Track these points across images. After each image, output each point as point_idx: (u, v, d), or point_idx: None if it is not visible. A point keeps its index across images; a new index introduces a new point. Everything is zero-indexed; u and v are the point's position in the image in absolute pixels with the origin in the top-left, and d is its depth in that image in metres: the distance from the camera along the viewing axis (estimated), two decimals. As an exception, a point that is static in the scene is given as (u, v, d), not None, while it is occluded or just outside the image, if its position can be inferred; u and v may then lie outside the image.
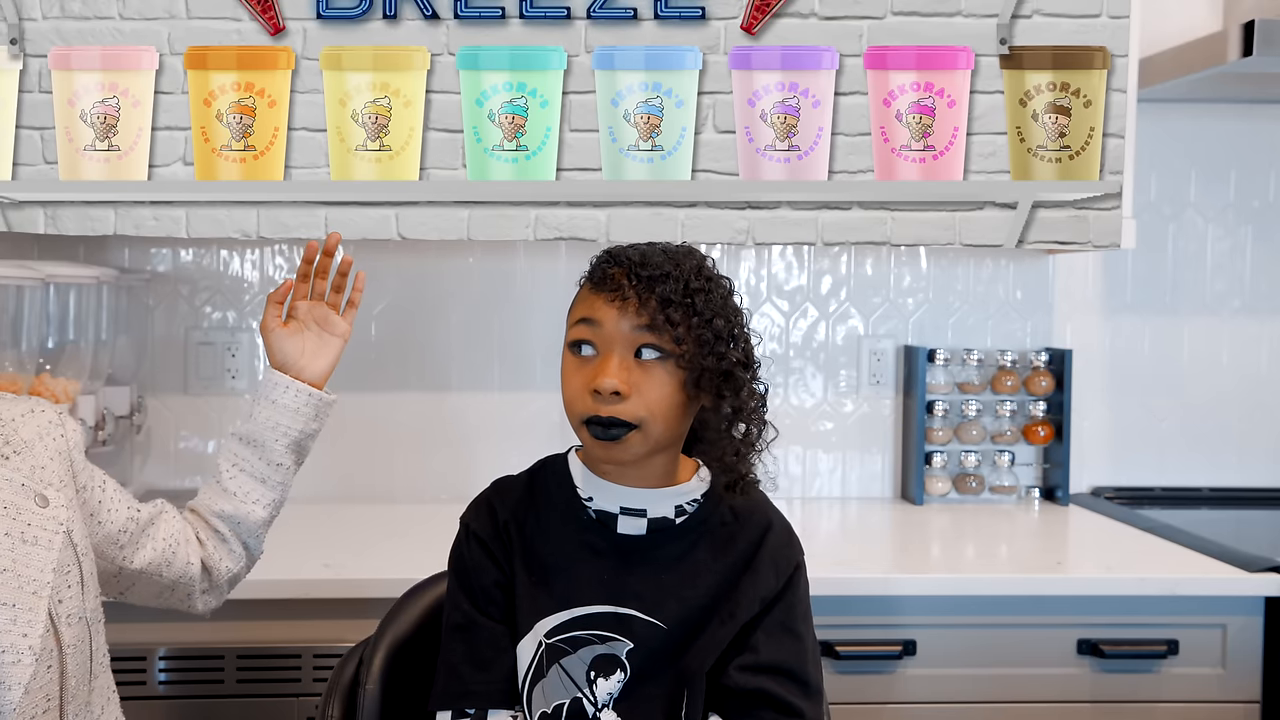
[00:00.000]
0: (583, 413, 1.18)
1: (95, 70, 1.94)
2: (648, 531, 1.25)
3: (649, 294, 1.16)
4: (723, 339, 1.18)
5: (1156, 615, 1.85)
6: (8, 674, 1.10)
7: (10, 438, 1.20)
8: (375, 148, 1.97)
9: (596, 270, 1.21)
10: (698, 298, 1.18)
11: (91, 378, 2.07)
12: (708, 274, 1.21)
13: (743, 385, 1.20)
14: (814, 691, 1.24)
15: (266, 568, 1.86)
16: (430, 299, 2.37)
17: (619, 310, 1.17)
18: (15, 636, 1.11)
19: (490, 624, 1.25)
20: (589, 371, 1.18)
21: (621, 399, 1.16)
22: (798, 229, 2.01)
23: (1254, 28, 1.96)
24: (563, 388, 1.22)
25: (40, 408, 1.25)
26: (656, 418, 1.18)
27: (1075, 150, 2.01)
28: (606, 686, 1.22)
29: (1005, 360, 2.41)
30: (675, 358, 1.17)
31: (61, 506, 1.20)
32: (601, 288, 1.19)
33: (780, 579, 1.25)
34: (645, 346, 1.17)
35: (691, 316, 1.17)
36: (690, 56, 1.97)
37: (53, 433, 1.24)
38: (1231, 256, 2.50)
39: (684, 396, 1.19)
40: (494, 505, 1.29)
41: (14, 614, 1.11)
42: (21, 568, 1.13)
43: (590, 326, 1.19)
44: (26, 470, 1.19)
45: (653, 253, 1.20)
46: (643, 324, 1.17)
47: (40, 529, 1.17)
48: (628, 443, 1.18)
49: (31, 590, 1.13)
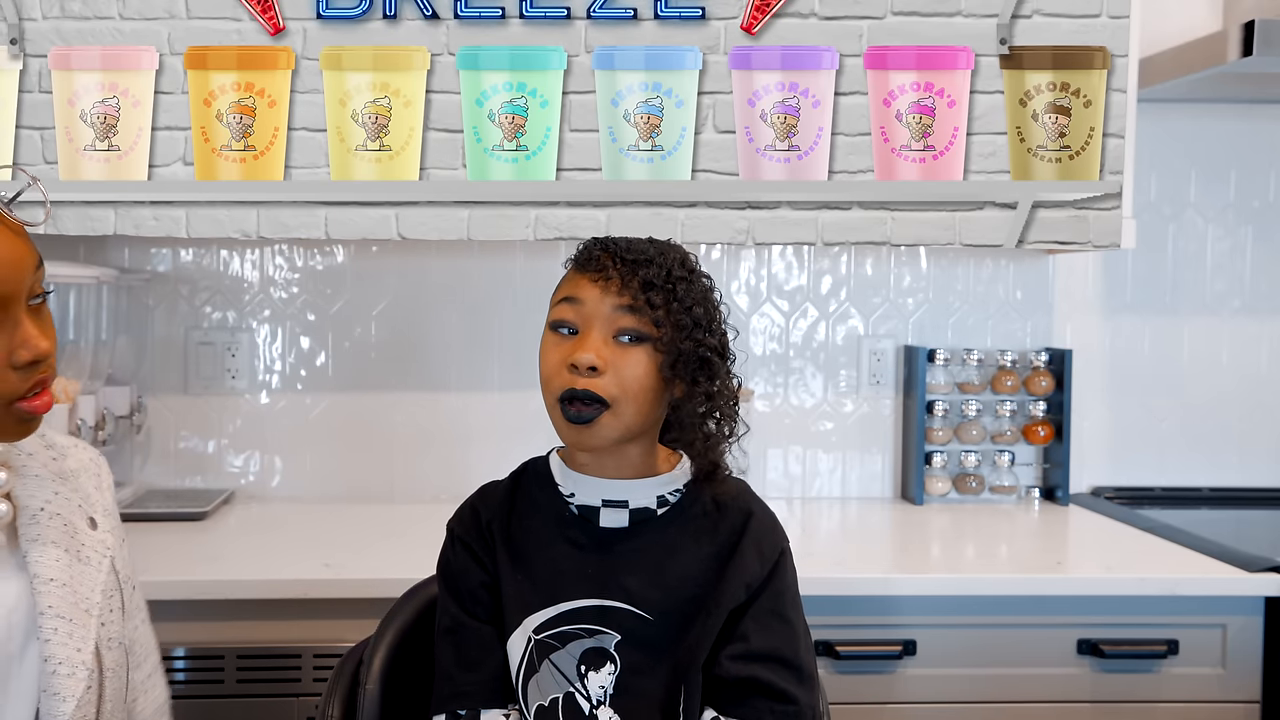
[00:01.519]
0: (558, 388, 1.19)
1: (95, 70, 1.94)
2: (630, 523, 1.25)
3: (632, 276, 1.19)
4: (701, 326, 1.21)
5: (1156, 615, 1.85)
6: (63, 685, 1.11)
7: (62, 464, 1.23)
8: (375, 148, 1.97)
9: (583, 253, 1.24)
10: (679, 285, 1.20)
11: (91, 378, 2.07)
12: (690, 266, 1.24)
13: (718, 373, 1.22)
14: (807, 677, 1.24)
15: (266, 567, 1.87)
16: (430, 299, 2.37)
17: (601, 289, 1.19)
18: (71, 650, 1.12)
19: (477, 625, 1.26)
20: (567, 348, 1.20)
21: (598, 374, 1.18)
22: (798, 229, 2.01)
23: (1254, 28, 1.96)
24: (540, 365, 1.23)
25: (79, 445, 1.29)
26: (629, 397, 1.19)
27: (1075, 150, 2.01)
28: (598, 679, 1.22)
29: (1005, 360, 2.41)
30: (653, 341, 1.19)
31: (108, 532, 1.23)
32: (586, 268, 1.22)
33: (765, 566, 1.25)
34: (624, 330, 1.19)
35: (672, 301, 1.19)
36: (690, 56, 1.97)
37: (92, 469, 1.27)
38: (1231, 256, 2.50)
39: (659, 380, 1.20)
40: (477, 508, 1.31)
41: (71, 628, 1.13)
42: (77, 584, 1.15)
43: (572, 305, 1.21)
44: (80, 494, 1.22)
45: (638, 241, 1.24)
46: (624, 304, 1.19)
47: (92, 550, 1.19)
48: (599, 425, 1.19)
49: (85, 608, 1.15)
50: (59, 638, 1.12)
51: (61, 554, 1.15)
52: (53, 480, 1.20)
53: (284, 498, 2.35)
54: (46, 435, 1.24)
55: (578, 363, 1.17)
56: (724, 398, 1.24)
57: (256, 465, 2.35)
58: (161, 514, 2.11)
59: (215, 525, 2.12)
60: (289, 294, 2.35)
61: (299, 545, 2.01)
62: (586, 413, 1.18)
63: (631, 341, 1.19)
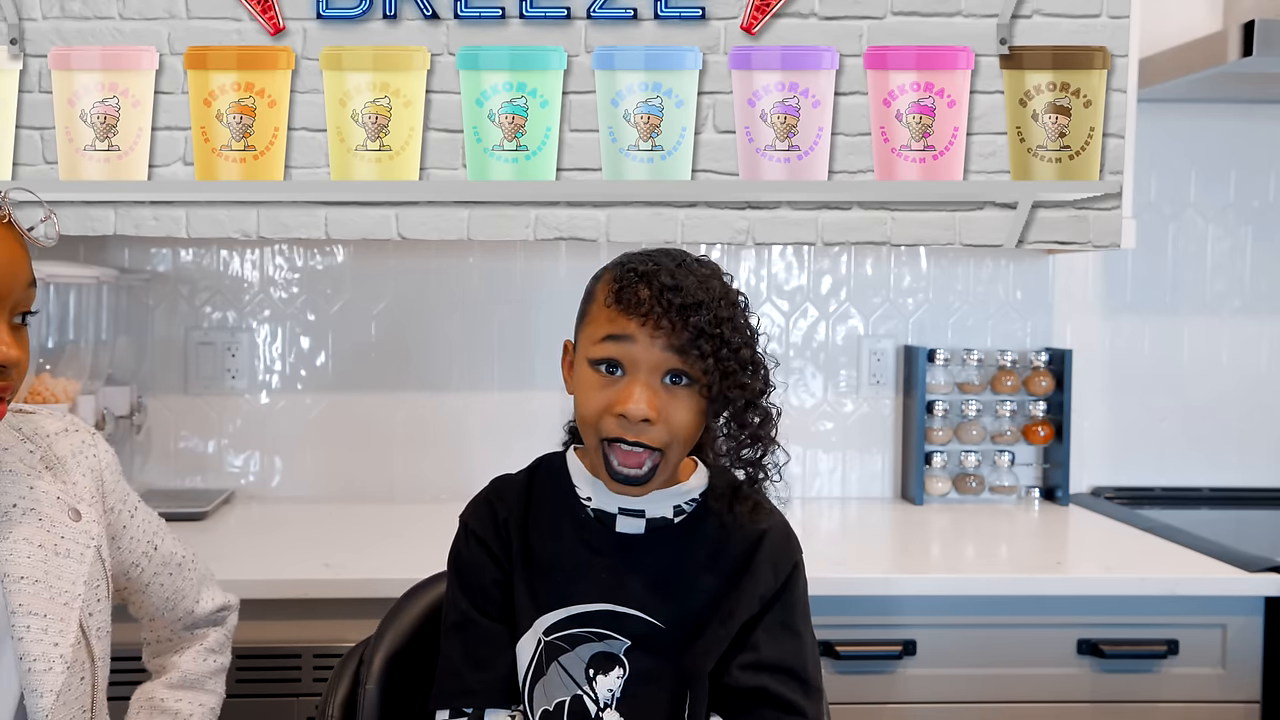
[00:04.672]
0: (606, 435, 1.18)
1: (95, 70, 1.94)
2: (646, 531, 1.25)
3: (682, 323, 1.15)
4: (746, 367, 1.19)
5: (1156, 615, 1.85)
6: (40, 681, 1.13)
7: (46, 453, 1.23)
8: (375, 148, 1.97)
9: (626, 290, 1.17)
10: (725, 327, 1.17)
11: (91, 378, 2.07)
12: (733, 300, 1.20)
13: (760, 409, 1.21)
14: (814, 690, 1.24)
15: (266, 567, 1.87)
16: (430, 299, 2.37)
17: (650, 335, 1.16)
18: (47, 645, 1.14)
19: (488, 623, 1.25)
20: (615, 393, 1.17)
21: (649, 425, 1.16)
22: (798, 229, 2.01)
23: (1254, 28, 1.96)
24: (581, 402, 1.20)
25: (75, 427, 1.29)
26: (679, 442, 1.19)
27: (1075, 150, 2.01)
28: (606, 684, 1.22)
29: (1005, 360, 2.41)
30: (700, 385, 1.17)
31: (93, 521, 1.23)
32: (632, 310, 1.16)
33: (779, 578, 1.25)
34: (674, 373, 1.17)
35: (721, 348, 1.16)
36: (690, 56, 1.97)
37: (85, 452, 1.27)
38: (1231, 256, 2.50)
39: (703, 421, 1.20)
40: (493, 504, 1.29)
41: (45, 623, 1.14)
42: (54, 579, 1.16)
43: (619, 345, 1.17)
44: (61, 485, 1.22)
45: (682, 275, 1.18)
46: (674, 351, 1.16)
47: (73, 542, 1.20)
48: (650, 480, 1.18)
49: (63, 601, 1.16)
50: (32, 635, 1.13)
51: (35, 549, 1.16)
52: (29, 474, 1.20)
53: (284, 498, 2.35)
54: (26, 427, 1.24)
55: (630, 415, 1.15)
56: (763, 435, 1.22)
57: (256, 465, 2.35)
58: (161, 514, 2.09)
59: (215, 525, 2.12)
60: (289, 294, 2.35)
61: (299, 545, 2.01)
62: (641, 475, 1.17)
63: (680, 384, 1.17)
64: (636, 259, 1.20)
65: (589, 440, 1.21)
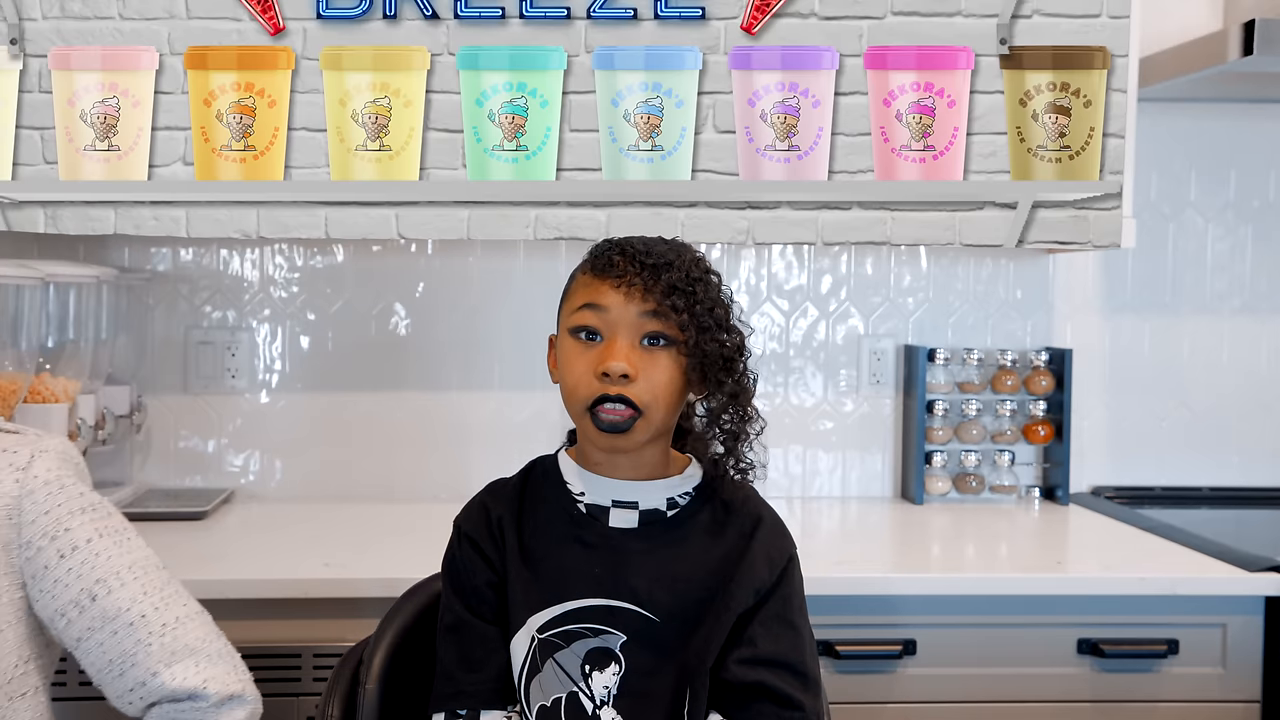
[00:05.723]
0: (588, 396, 1.20)
1: (95, 70, 1.94)
2: (639, 524, 1.25)
3: (655, 281, 1.19)
4: (721, 327, 1.22)
5: (1156, 615, 1.84)
6: None
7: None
8: (375, 148, 1.97)
9: (601, 258, 1.23)
10: (698, 286, 1.21)
11: (91, 377, 2.07)
12: (705, 266, 1.25)
13: (738, 371, 1.23)
14: (812, 684, 1.25)
15: (266, 567, 1.87)
16: (430, 299, 2.37)
17: (625, 296, 1.19)
18: None
19: (481, 624, 1.26)
20: (594, 355, 1.20)
21: (630, 381, 1.18)
22: (798, 229, 2.01)
23: (1254, 27, 1.96)
24: (564, 374, 1.23)
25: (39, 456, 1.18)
26: (659, 402, 1.20)
27: (1075, 150, 2.01)
28: (602, 679, 1.22)
29: (1005, 360, 2.41)
30: (678, 344, 1.20)
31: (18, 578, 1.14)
32: (607, 273, 1.21)
33: (774, 571, 1.25)
34: (651, 334, 1.20)
35: (694, 304, 1.20)
36: (690, 56, 1.97)
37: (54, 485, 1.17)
38: (1231, 256, 2.50)
39: (683, 383, 1.22)
40: (487, 505, 1.30)
41: None
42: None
43: (595, 312, 1.20)
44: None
45: (654, 242, 1.24)
46: (649, 310, 1.19)
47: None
48: (634, 432, 1.20)
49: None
50: None
51: None
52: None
53: (284, 497, 2.35)
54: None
55: (610, 370, 1.18)
56: (745, 394, 1.24)
57: (256, 465, 2.35)
58: (161, 514, 2.11)
59: (215, 525, 2.12)
60: (289, 293, 2.35)
61: (299, 545, 2.01)
62: (622, 421, 1.19)
63: (658, 345, 1.20)
64: (617, 237, 1.26)
65: (576, 415, 1.22)
